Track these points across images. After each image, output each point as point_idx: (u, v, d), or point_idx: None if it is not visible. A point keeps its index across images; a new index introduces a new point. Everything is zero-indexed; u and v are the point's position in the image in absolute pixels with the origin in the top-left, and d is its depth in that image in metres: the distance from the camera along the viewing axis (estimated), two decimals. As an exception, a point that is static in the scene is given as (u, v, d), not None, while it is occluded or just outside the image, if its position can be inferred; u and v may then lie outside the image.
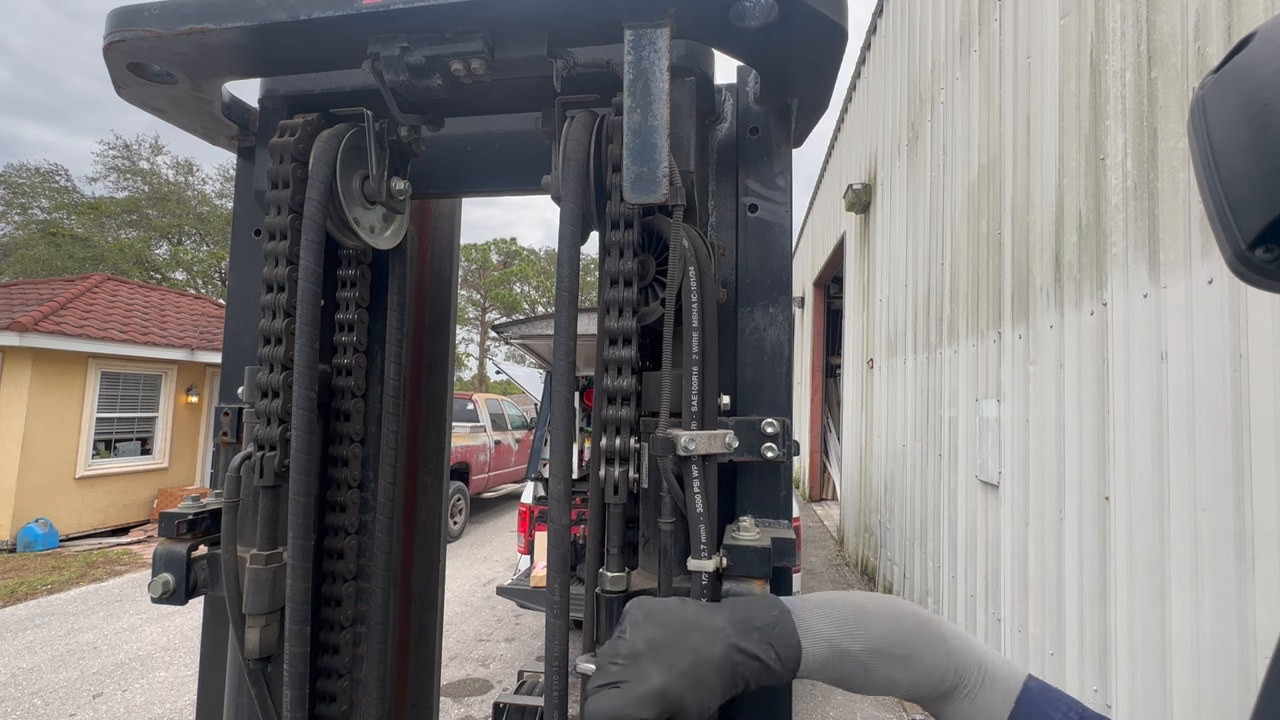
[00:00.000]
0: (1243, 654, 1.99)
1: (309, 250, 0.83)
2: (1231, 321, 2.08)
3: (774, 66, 0.84)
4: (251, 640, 0.86)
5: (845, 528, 9.37)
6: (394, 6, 0.72)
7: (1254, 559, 1.96)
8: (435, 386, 1.26)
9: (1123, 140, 2.72)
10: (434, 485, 1.24)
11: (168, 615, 6.39)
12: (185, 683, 5.00)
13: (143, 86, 0.88)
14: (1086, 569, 2.88)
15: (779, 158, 0.96)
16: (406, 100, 0.83)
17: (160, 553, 0.90)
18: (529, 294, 43.53)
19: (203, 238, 28.62)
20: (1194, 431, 2.23)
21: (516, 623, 6.42)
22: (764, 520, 0.88)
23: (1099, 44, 2.95)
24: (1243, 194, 0.51)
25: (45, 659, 5.43)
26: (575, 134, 0.81)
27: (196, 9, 0.77)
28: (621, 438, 0.81)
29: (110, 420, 10.36)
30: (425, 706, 1.22)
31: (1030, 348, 3.51)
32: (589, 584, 0.83)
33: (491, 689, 4.96)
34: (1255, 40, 0.52)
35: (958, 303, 4.74)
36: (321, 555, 1.00)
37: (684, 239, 0.82)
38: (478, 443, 11.61)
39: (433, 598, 1.23)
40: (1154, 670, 2.39)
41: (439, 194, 1.17)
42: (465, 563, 8.77)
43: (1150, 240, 2.51)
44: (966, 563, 4.37)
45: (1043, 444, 3.32)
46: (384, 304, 1.05)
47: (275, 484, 0.88)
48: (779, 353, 0.93)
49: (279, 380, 0.88)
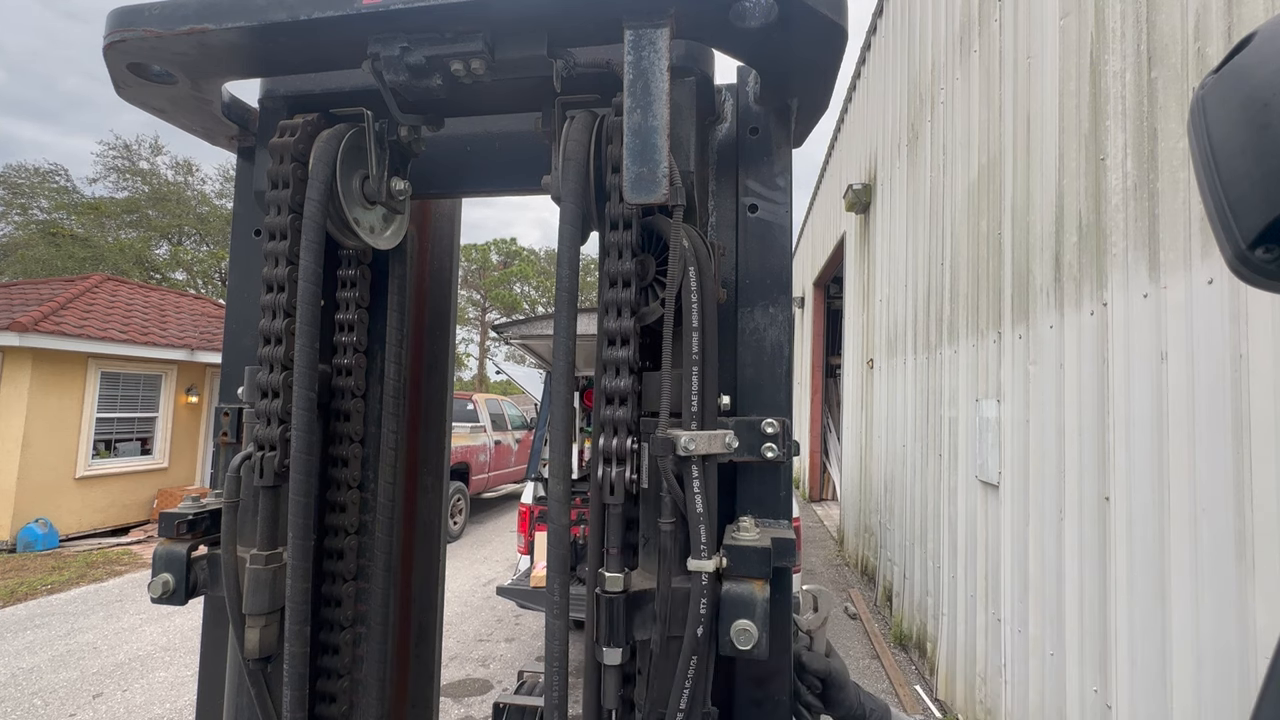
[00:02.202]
0: (1243, 654, 1.99)
1: (309, 250, 0.83)
2: (1231, 321, 2.08)
3: (774, 66, 0.84)
4: (251, 640, 0.86)
5: (845, 528, 9.37)
6: (394, 6, 0.72)
7: (1254, 559, 1.96)
8: (435, 386, 1.26)
9: (1123, 140, 2.72)
10: (434, 485, 1.24)
11: (168, 615, 6.39)
12: (185, 683, 5.00)
13: (143, 86, 0.87)
14: (1086, 569, 2.88)
15: (779, 158, 0.96)
16: (406, 100, 0.83)
17: (160, 553, 0.90)
18: (529, 294, 43.53)
19: (203, 238, 28.62)
20: (1194, 431, 2.23)
21: (516, 623, 6.42)
22: (764, 520, 0.88)
23: (1099, 44, 2.95)
24: (1243, 194, 0.51)
25: (45, 659, 5.43)
26: (575, 134, 0.81)
27: (196, 9, 0.77)
28: (621, 438, 0.81)
29: (110, 420, 10.36)
30: (425, 706, 1.22)
31: (1030, 348, 3.51)
32: (589, 584, 0.83)
33: (491, 689, 4.96)
34: (1255, 40, 0.52)
35: (958, 303, 4.74)
36: (321, 555, 1.00)
37: (684, 239, 0.82)
38: (478, 443, 11.62)
39: (433, 598, 1.23)
40: (1154, 670, 2.39)
41: (439, 194, 1.17)
42: (465, 563, 8.77)
43: (1150, 240, 2.51)
44: (966, 563, 4.37)
45: (1043, 444, 3.32)
46: (384, 304, 1.05)
47: (275, 484, 0.88)
48: (779, 353, 0.93)
49: (279, 380, 0.88)
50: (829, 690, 0.95)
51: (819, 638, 0.98)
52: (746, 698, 0.89)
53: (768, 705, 0.88)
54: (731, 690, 0.89)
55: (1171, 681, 2.28)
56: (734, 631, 0.74)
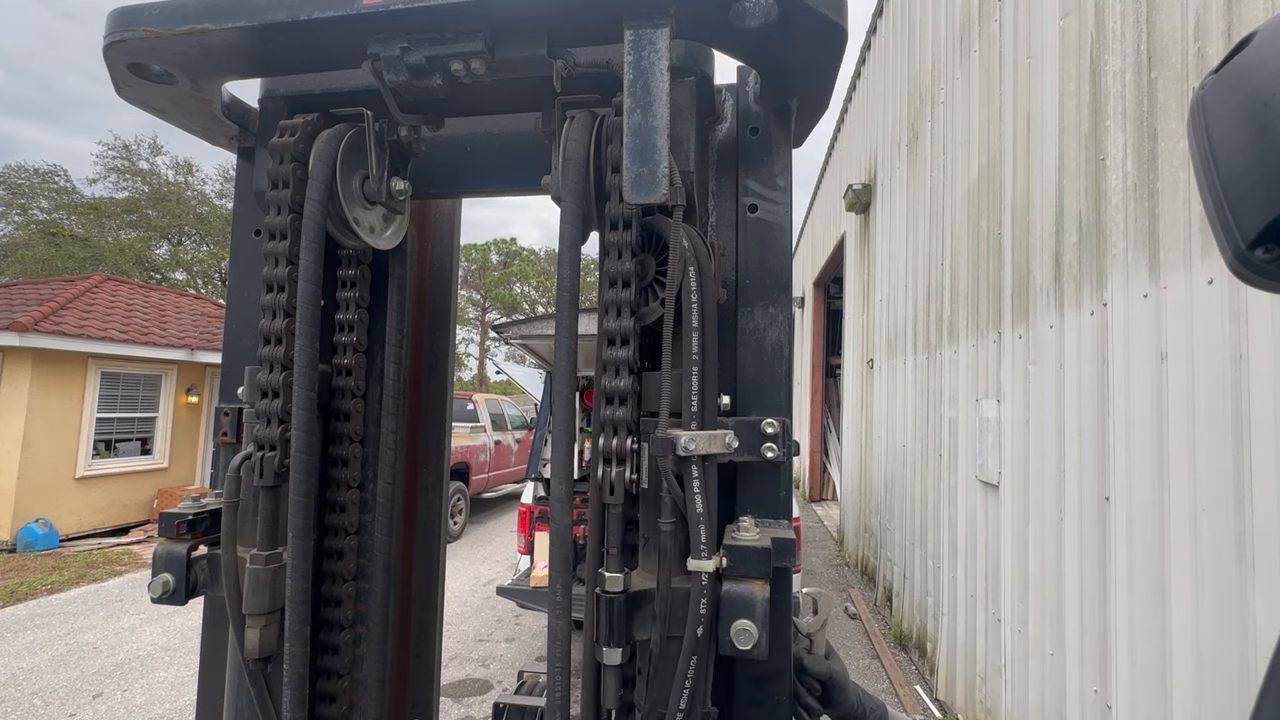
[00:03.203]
0: (1243, 654, 1.99)
1: (309, 250, 0.83)
2: (1231, 321, 2.08)
3: (774, 66, 0.84)
4: (251, 640, 0.86)
5: (845, 528, 9.37)
6: (394, 6, 0.72)
7: (1254, 559, 1.96)
8: (435, 386, 1.26)
9: (1123, 140, 2.72)
10: (434, 485, 1.24)
11: (168, 615, 6.39)
12: (185, 683, 5.00)
13: (143, 87, 0.87)
14: (1086, 569, 2.88)
15: (779, 158, 0.96)
16: (406, 100, 0.83)
17: (160, 553, 0.90)
18: (529, 294, 43.52)
19: (203, 238, 28.61)
20: (1194, 431, 2.23)
21: (516, 623, 6.42)
22: (764, 520, 0.88)
23: (1099, 44, 2.95)
24: (1242, 194, 0.51)
25: (45, 659, 5.43)
26: (575, 134, 0.81)
27: (196, 9, 0.77)
28: (621, 438, 0.81)
29: (110, 420, 10.36)
30: (425, 706, 1.22)
31: (1030, 348, 3.51)
32: (589, 584, 0.83)
33: (491, 689, 4.96)
34: (1255, 40, 0.52)
35: (958, 303, 4.74)
36: (321, 555, 1.00)
37: (684, 239, 0.81)
38: (478, 443, 11.61)
39: (433, 598, 1.23)
40: (1154, 670, 2.39)
41: (439, 194, 1.17)
42: (465, 563, 8.77)
43: (1150, 240, 2.51)
44: (966, 563, 4.37)
45: (1043, 444, 3.32)
46: (384, 304, 1.05)
47: (275, 484, 0.88)
48: (779, 353, 0.93)
49: (279, 380, 0.88)
50: (829, 692, 0.96)
51: (819, 640, 0.98)
52: (746, 698, 0.89)
53: (768, 705, 0.88)
54: (731, 690, 0.89)
55: (1171, 681, 2.28)
56: (734, 631, 0.74)
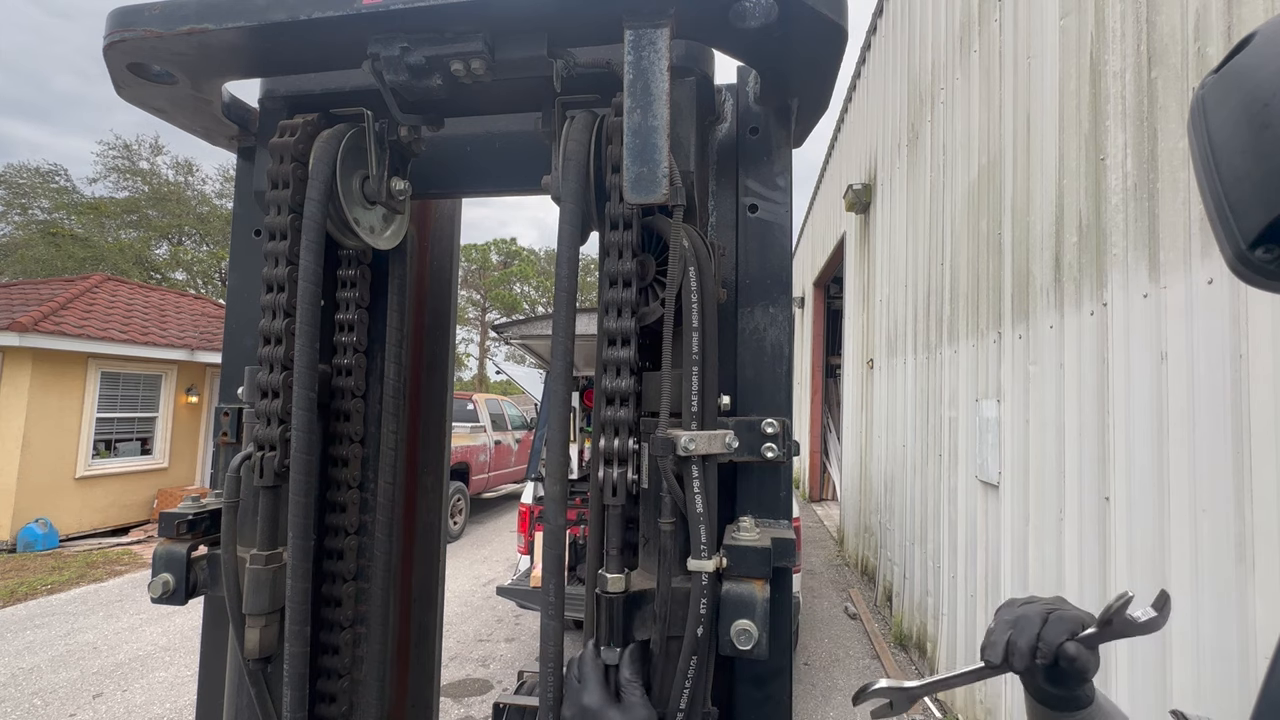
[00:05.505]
0: (1243, 654, 1.99)
1: (309, 250, 0.83)
2: (1231, 321, 2.07)
3: (774, 66, 0.84)
4: (251, 640, 0.86)
5: (845, 528, 9.37)
6: (394, 6, 0.72)
7: (1254, 559, 1.96)
8: (435, 386, 1.26)
9: (1123, 140, 2.72)
10: (434, 485, 1.24)
11: (168, 615, 6.39)
12: (185, 683, 5.00)
13: (143, 86, 0.87)
14: (1086, 569, 2.87)
15: (779, 158, 0.96)
16: (406, 100, 0.83)
17: (160, 553, 0.90)
18: (529, 294, 43.52)
19: (203, 238, 28.61)
20: (1194, 431, 2.23)
21: (516, 623, 6.42)
22: (764, 520, 0.88)
23: (1099, 44, 2.95)
24: (1243, 194, 0.51)
25: (45, 659, 5.43)
26: (575, 134, 0.81)
27: (196, 9, 0.77)
28: (621, 438, 0.81)
29: (110, 420, 10.36)
30: (425, 706, 1.22)
31: (1030, 348, 3.51)
32: (589, 584, 0.83)
33: (491, 689, 4.96)
34: (1255, 40, 0.52)
35: (958, 303, 4.74)
36: (321, 555, 1.00)
37: (684, 239, 0.81)
38: (478, 443, 11.61)
39: (433, 598, 1.23)
40: (1154, 670, 2.39)
41: (439, 194, 1.17)
42: (465, 563, 8.77)
43: (1150, 240, 2.51)
44: (966, 563, 4.37)
45: (1043, 444, 3.32)
46: (384, 304, 1.05)
47: (275, 484, 0.88)
48: (779, 353, 0.93)
49: (279, 380, 0.88)
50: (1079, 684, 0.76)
51: None
52: (746, 698, 0.89)
53: (768, 705, 0.88)
54: (731, 690, 0.89)
55: (1171, 682, 2.28)
56: (734, 631, 0.74)
